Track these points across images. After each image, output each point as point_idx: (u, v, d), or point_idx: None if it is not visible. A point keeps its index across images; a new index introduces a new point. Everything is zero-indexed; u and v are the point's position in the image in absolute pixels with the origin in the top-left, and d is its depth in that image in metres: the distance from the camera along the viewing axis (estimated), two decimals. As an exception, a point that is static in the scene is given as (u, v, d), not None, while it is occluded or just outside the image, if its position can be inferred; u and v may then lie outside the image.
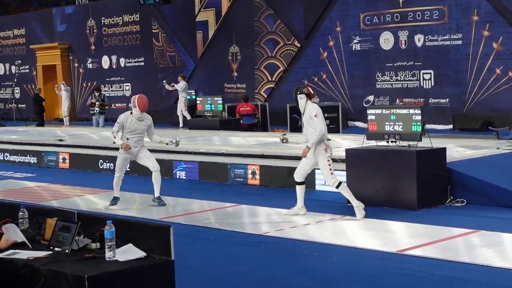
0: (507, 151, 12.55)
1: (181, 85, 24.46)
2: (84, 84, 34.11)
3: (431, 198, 10.79)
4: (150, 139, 11.79)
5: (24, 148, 18.83)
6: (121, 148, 11.51)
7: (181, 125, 23.82)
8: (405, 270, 7.53)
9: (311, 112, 10.14)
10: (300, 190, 10.50)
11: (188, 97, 24.90)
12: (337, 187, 10.16)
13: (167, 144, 11.87)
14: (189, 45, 30.12)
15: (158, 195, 11.54)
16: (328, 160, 10.14)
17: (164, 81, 26.12)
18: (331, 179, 10.15)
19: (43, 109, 28.19)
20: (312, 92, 10.49)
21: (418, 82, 23.09)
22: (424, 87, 22.98)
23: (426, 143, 10.95)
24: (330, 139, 10.33)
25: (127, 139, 11.48)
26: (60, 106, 35.40)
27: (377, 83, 24.01)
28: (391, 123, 11.03)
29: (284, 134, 10.99)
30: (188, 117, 23.43)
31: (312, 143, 10.09)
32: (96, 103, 24.48)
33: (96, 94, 24.83)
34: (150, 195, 12.06)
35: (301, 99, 10.26)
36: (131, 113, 11.56)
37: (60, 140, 19.28)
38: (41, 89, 29.14)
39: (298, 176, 10.50)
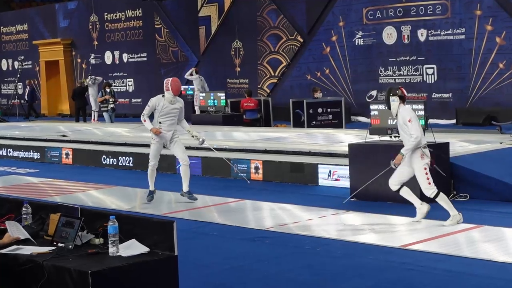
0: (510, 145, 12.54)
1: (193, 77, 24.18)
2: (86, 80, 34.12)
3: (434, 193, 10.77)
4: (178, 123, 11.46)
5: (27, 144, 18.85)
6: (152, 133, 11.23)
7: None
8: (408, 265, 7.53)
9: (405, 117, 9.26)
10: (405, 194, 9.51)
11: (191, 92, 24.71)
12: (435, 197, 9.26)
13: (192, 136, 11.68)
14: (192, 40, 30.11)
15: (187, 189, 11.32)
16: (425, 168, 9.27)
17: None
18: (429, 189, 9.25)
19: (87, 103, 26.84)
20: (406, 94, 9.51)
21: (421, 77, 23.07)
22: (427, 81, 22.96)
23: (429, 137, 10.94)
24: (427, 147, 9.41)
25: (160, 122, 11.21)
26: (63, 102, 35.50)
27: (380, 78, 23.99)
28: (394, 118, 11.00)
29: (393, 160, 9.48)
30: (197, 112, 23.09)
31: (406, 149, 9.24)
32: (110, 100, 23.82)
33: (107, 90, 24.11)
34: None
35: (394, 101, 9.40)
36: (163, 96, 11.20)
37: (63, 135, 19.29)
38: (84, 82, 28.35)
39: (393, 185, 9.53)
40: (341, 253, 8.18)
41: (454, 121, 21.82)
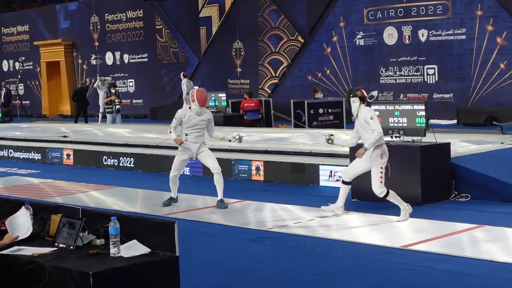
0: (511, 146, 12.54)
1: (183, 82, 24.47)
2: (88, 80, 34.14)
3: (435, 193, 10.78)
4: (210, 136, 11.23)
5: (28, 145, 18.85)
6: (177, 143, 11.02)
7: None
8: (409, 265, 7.53)
9: (366, 116, 9.63)
10: (344, 190, 10.01)
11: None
12: (385, 196, 9.62)
13: (229, 141, 11.34)
14: (193, 41, 30.13)
15: (221, 198, 11.09)
16: (382, 168, 9.59)
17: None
18: (380, 188, 9.59)
19: (88, 103, 26.85)
20: (366, 95, 9.89)
21: (422, 77, 23.08)
22: (428, 82, 22.97)
23: (430, 138, 10.95)
24: (385, 145, 9.74)
25: (186, 134, 10.98)
26: (64, 103, 35.50)
27: (381, 78, 24.00)
28: (395, 118, 11.02)
29: (331, 135, 10.33)
30: None
31: (369, 144, 9.50)
32: (116, 100, 23.53)
33: (112, 91, 23.78)
34: (154, 191, 12.08)
35: (354, 102, 9.76)
36: (190, 107, 10.99)
37: (64, 136, 19.29)
38: (87, 82, 28.14)
39: (347, 176, 9.99)
40: (342, 253, 8.18)
41: (455, 121, 21.82)
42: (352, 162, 10.06)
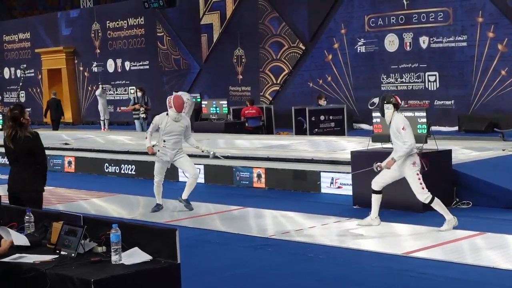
0: (513, 152, 12.55)
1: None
2: (89, 88, 34.17)
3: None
4: (185, 141, 11.36)
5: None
6: (148, 151, 11.20)
7: None
8: (411, 272, 7.53)
9: (398, 125, 9.35)
10: (375, 200, 9.67)
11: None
12: (430, 202, 9.36)
13: (202, 151, 11.58)
14: (194, 48, 30.15)
15: (186, 198, 11.29)
16: (418, 174, 9.37)
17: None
18: (423, 195, 9.35)
19: (62, 114, 27.15)
20: (400, 102, 9.61)
21: (423, 84, 23.08)
22: (429, 89, 22.96)
23: (431, 145, 10.95)
24: (416, 154, 9.48)
25: (164, 141, 11.12)
26: (65, 111, 35.49)
27: (382, 85, 23.99)
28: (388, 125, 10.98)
29: (376, 163, 9.74)
30: None
31: (399, 156, 9.29)
32: (141, 109, 22.75)
33: (139, 94, 23.00)
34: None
35: (388, 109, 9.53)
36: (167, 114, 11.12)
37: (66, 143, 19.31)
38: (57, 93, 28.40)
39: (377, 184, 9.67)
40: (344, 260, 8.18)
41: (456, 128, 21.81)
42: (382, 172, 9.71)
